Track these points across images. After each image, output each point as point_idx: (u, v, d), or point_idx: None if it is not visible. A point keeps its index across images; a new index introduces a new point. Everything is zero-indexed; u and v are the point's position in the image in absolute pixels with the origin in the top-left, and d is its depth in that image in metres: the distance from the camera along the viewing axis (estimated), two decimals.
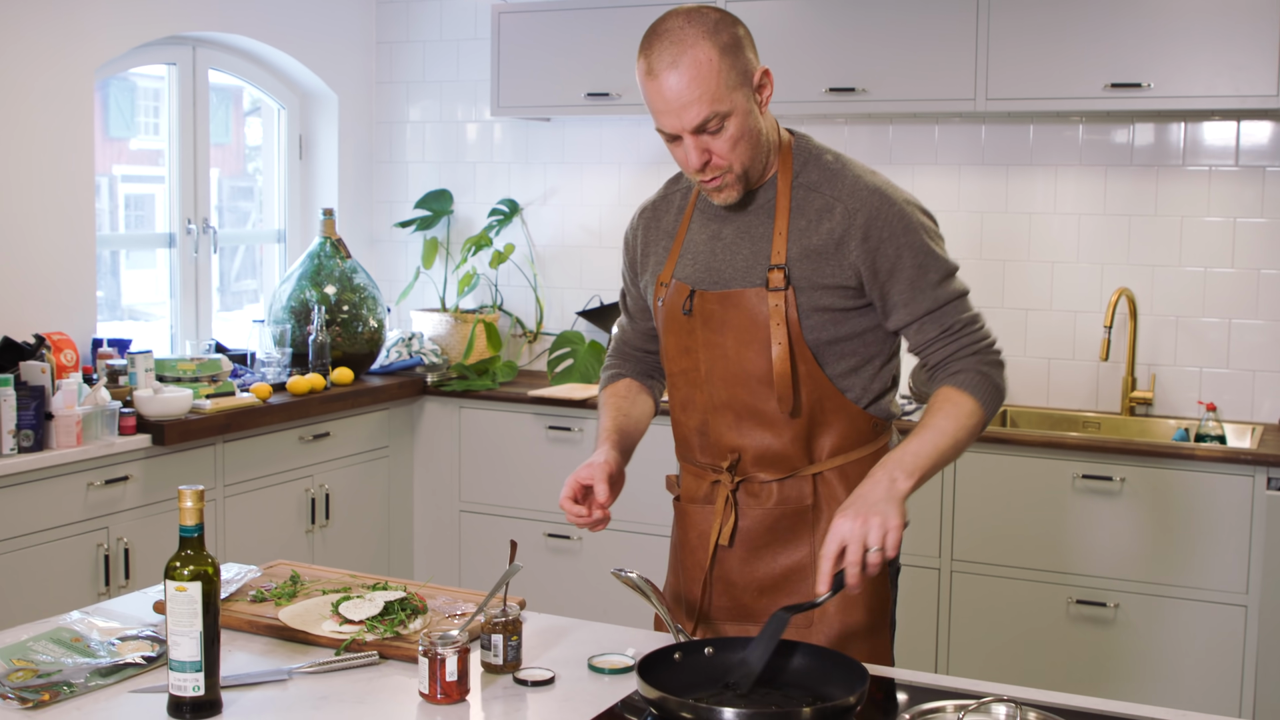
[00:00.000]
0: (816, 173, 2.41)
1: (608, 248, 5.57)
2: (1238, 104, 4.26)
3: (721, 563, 2.47)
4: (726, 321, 2.39)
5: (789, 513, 2.41)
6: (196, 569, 1.96)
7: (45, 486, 3.92)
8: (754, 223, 2.42)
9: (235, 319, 5.63)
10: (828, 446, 2.41)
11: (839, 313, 2.37)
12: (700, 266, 2.45)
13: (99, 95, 4.88)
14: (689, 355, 2.45)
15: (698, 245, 2.47)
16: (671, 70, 2.25)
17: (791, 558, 2.42)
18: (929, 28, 4.56)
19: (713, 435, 2.45)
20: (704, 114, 2.26)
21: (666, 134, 2.32)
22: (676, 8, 2.32)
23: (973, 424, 2.32)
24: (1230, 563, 4.13)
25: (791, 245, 2.36)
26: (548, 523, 5.08)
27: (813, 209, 2.38)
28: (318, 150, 5.83)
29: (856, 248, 2.34)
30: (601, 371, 2.79)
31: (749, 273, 2.39)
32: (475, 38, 5.72)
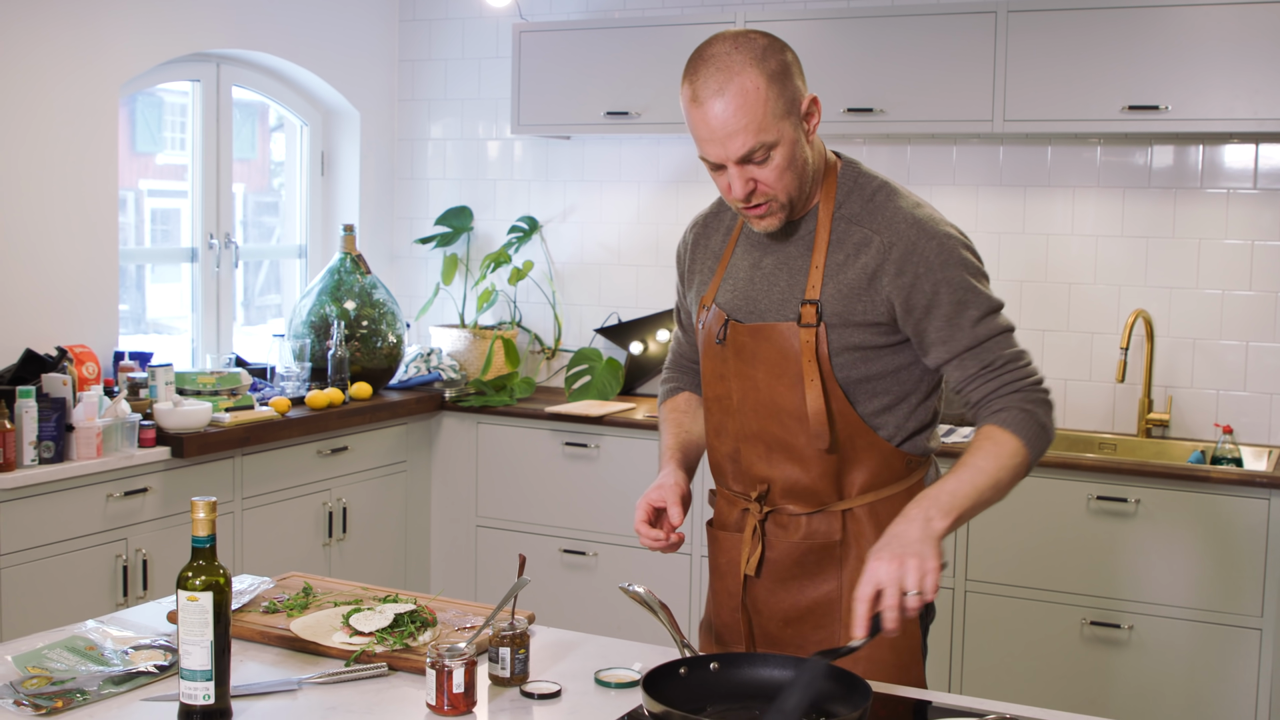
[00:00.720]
0: (859, 204, 2.36)
1: (626, 265, 5.59)
2: (1256, 127, 4.26)
3: (749, 591, 2.46)
4: (758, 354, 2.36)
5: (816, 547, 2.39)
6: (208, 579, 1.98)
7: (65, 497, 3.96)
8: (793, 254, 2.37)
9: (257, 333, 5.67)
10: (858, 483, 2.37)
11: (870, 350, 2.32)
12: (739, 295, 2.42)
13: (127, 110, 4.93)
14: (723, 382, 2.43)
15: (739, 272, 2.44)
16: (717, 98, 2.19)
17: (818, 591, 2.40)
18: (947, 49, 4.57)
19: (744, 464, 2.43)
20: (750, 144, 2.20)
21: (710, 162, 2.27)
22: (724, 32, 2.27)
23: (1015, 464, 2.23)
24: (1245, 585, 4.12)
25: (827, 280, 2.32)
26: (563, 538, 5.10)
27: (851, 242, 2.33)
28: (339, 166, 5.87)
29: (890, 282, 2.28)
30: (660, 384, 2.79)
31: (784, 306, 2.35)
32: (496, 56, 5.76)
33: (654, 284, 5.54)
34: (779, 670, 2.12)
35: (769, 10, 5.02)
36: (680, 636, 2.22)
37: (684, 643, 2.22)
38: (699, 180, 5.42)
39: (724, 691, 2.10)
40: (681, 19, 5.02)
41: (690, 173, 5.44)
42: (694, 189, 5.43)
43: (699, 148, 2.26)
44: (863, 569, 2.10)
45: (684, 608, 4.85)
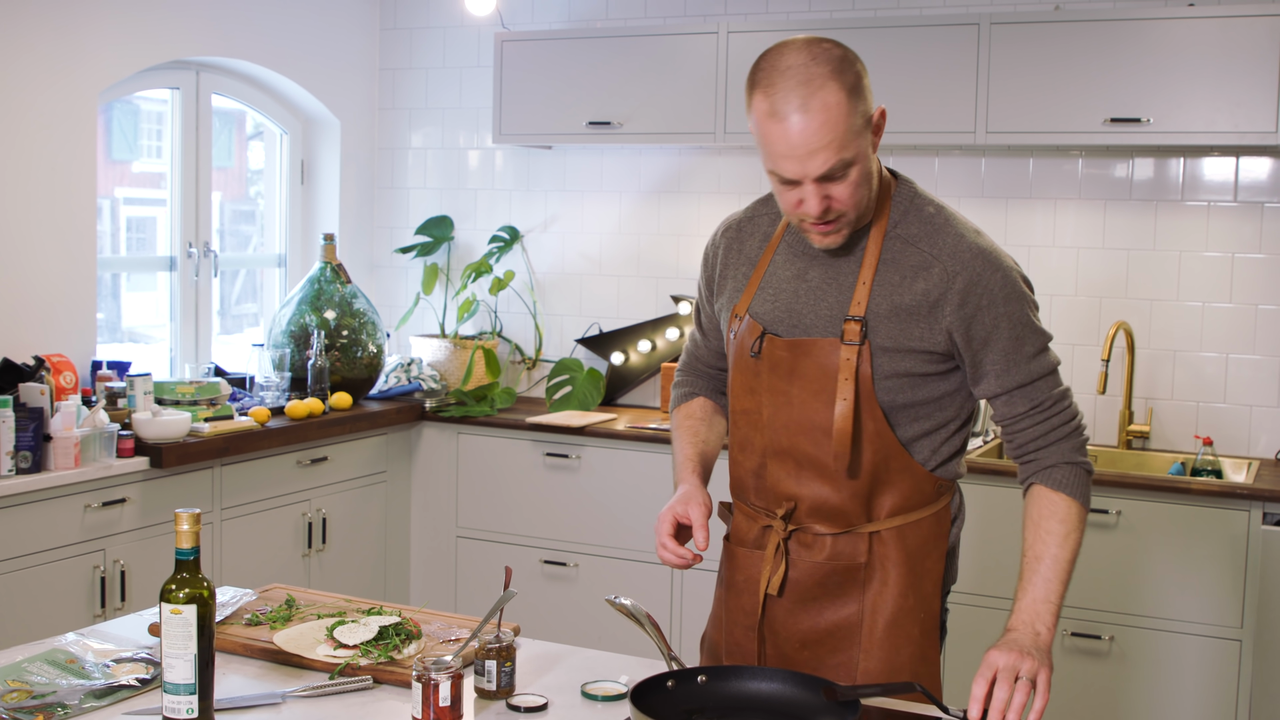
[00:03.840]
0: (916, 225, 2.30)
1: (608, 275, 5.58)
2: (1237, 140, 4.28)
3: (767, 610, 2.40)
4: (795, 369, 2.30)
5: (840, 569, 2.34)
6: (192, 592, 1.97)
7: (43, 508, 3.92)
8: (842, 269, 2.31)
9: (235, 343, 5.64)
10: (887, 506, 2.33)
11: (919, 377, 2.29)
12: (780, 306, 2.35)
13: (103, 118, 4.90)
14: (752, 396, 2.37)
15: (780, 282, 2.37)
16: (801, 114, 2.10)
17: (839, 614, 2.36)
18: (930, 61, 4.58)
19: (769, 480, 2.38)
20: (831, 162, 2.13)
21: (779, 176, 2.18)
22: (794, 40, 2.19)
23: (1080, 530, 2.27)
24: (1225, 597, 4.12)
25: (877, 299, 2.26)
26: (544, 549, 5.08)
27: (907, 264, 2.27)
28: (319, 175, 5.85)
29: (952, 312, 2.24)
30: (673, 387, 2.69)
31: (830, 321, 2.29)
32: (478, 65, 5.75)
33: (635, 294, 5.53)
34: (767, 683, 2.11)
35: (752, 21, 5.02)
36: (667, 649, 2.21)
37: (671, 655, 2.21)
38: (680, 191, 5.42)
39: (712, 704, 2.09)
40: (664, 29, 5.02)
41: (671, 183, 5.44)
42: (675, 199, 5.43)
43: (770, 162, 2.17)
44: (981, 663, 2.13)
45: (667, 620, 4.84)
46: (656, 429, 4.88)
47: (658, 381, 5.43)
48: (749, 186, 5.29)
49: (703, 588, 4.81)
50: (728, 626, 2.48)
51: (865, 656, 2.34)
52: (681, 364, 2.70)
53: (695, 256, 5.41)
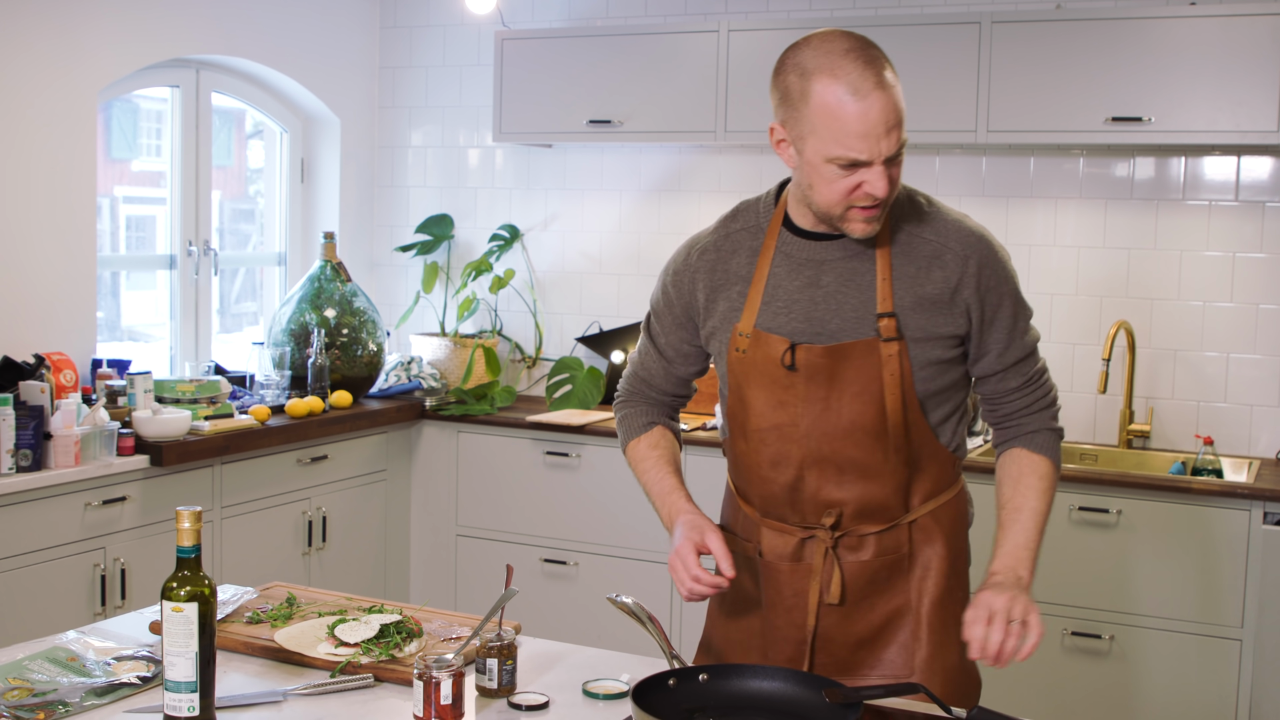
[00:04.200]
0: (914, 216, 2.32)
1: (608, 274, 5.58)
2: (1238, 139, 4.27)
3: (819, 620, 2.38)
4: (835, 375, 2.29)
5: (888, 563, 2.37)
6: (193, 590, 1.96)
7: (43, 506, 3.92)
8: (857, 269, 2.30)
9: (235, 341, 5.64)
10: (921, 493, 2.38)
11: (946, 363, 2.32)
12: (797, 317, 2.31)
13: (102, 117, 4.89)
14: (785, 409, 2.33)
15: (790, 293, 2.33)
16: (879, 91, 2.12)
17: (890, 605, 2.38)
18: (931, 59, 4.58)
19: (808, 491, 2.35)
20: (900, 140, 2.15)
21: (846, 160, 2.15)
22: (821, 32, 2.19)
23: (1054, 488, 2.39)
24: (1226, 596, 4.12)
25: (901, 293, 2.27)
26: (544, 547, 5.08)
27: (920, 255, 2.29)
28: (319, 174, 5.85)
29: (970, 295, 2.29)
30: (619, 412, 2.64)
31: (859, 323, 2.28)
32: (478, 64, 5.74)
33: (635, 293, 5.52)
34: (769, 682, 2.11)
35: (753, 19, 5.01)
36: (669, 647, 2.21)
37: (672, 654, 2.20)
38: (681, 189, 5.42)
39: (713, 703, 2.08)
40: (664, 28, 5.02)
41: (672, 182, 5.43)
42: (676, 198, 5.43)
43: (839, 146, 2.14)
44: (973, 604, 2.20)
45: (668, 618, 4.84)
46: None
47: None
48: (749, 185, 5.29)
49: None
50: (769, 645, 2.44)
51: (919, 644, 2.37)
52: (626, 390, 2.64)
53: None
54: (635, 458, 2.57)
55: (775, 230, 2.37)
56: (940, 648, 2.37)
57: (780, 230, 2.36)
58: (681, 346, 2.53)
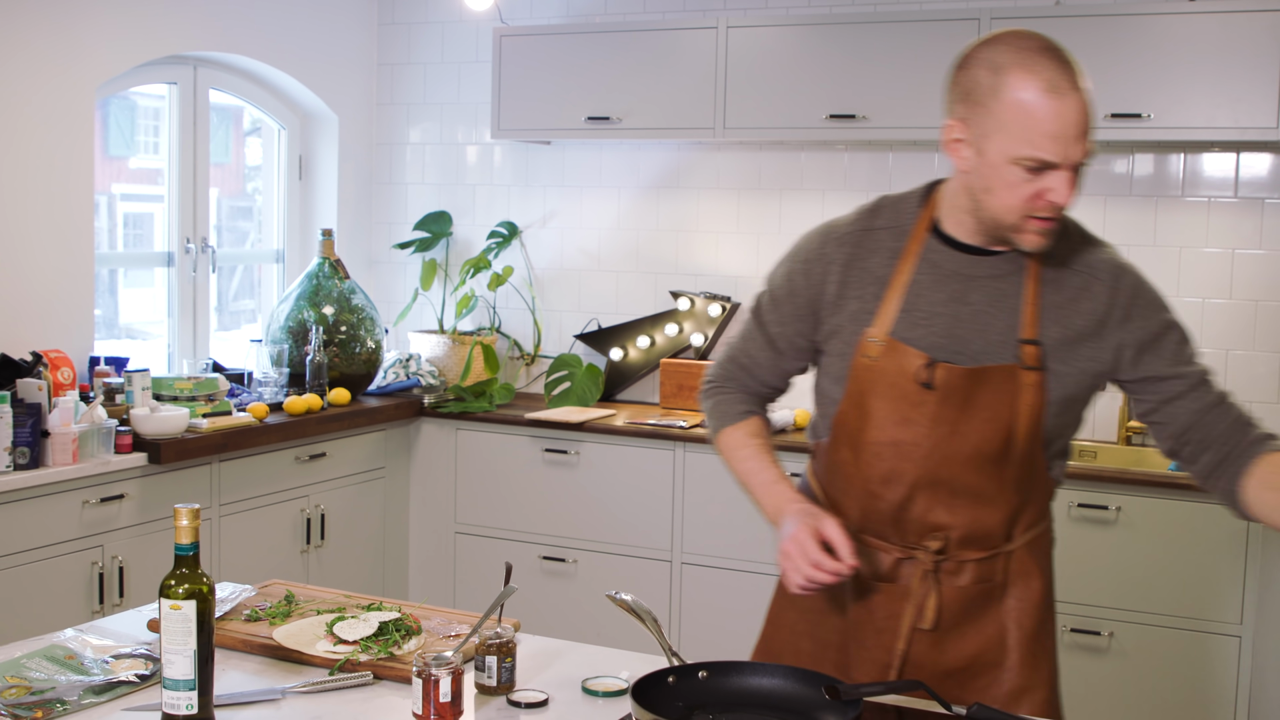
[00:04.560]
0: (1064, 242, 2.22)
1: (606, 271, 5.57)
2: (1237, 136, 4.27)
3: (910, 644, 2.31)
4: (972, 399, 2.19)
5: (983, 591, 2.29)
6: (191, 587, 1.96)
7: (41, 504, 3.92)
8: (1005, 290, 2.20)
9: (233, 338, 5.63)
10: (1024, 523, 2.30)
11: (1076, 400, 2.24)
12: (937, 331, 2.21)
13: (99, 114, 4.89)
14: (909, 427, 2.23)
15: (933, 305, 2.22)
16: (1077, 93, 2.03)
17: (981, 636, 2.31)
18: (929, 55, 4.57)
19: (916, 512, 2.26)
20: (1089, 147, 2.05)
21: (1034, 162, 2.06)
22: (1016, 29, 2.11)
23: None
24: (1225, 593, 4.12)
25: (1046, 322, 2.19)
26: (543, 545, 5.08)
27: (1069, 285, 2.20)
28: (317, 171, 5.84)
29: (1118, 328, 2.21)
30: (713, 397, 2.49)
31: (1001, 347, 2.19)
32: (476, 60, 5.73)
33: (634, 290, 5.52)
34: (768, 679, 2.10)
35: (751, 16, 5.01)
36: (668, 644, 2.20)
37: (671, 651, 2.20)
38: (679, 186, 5.41)
39: (713, 700, 2.08)
40: (663, 24, 5.01)
41: (671, 178, 5.43)
42: (674, 195, 5.42)
43: (1029, 145, 2.05)
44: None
45: (667, 615, 4.83)
46: (655, 425, 4.87)
47: (657, 377, 5.42)
48: (748, 181, 5.29)
49: (704, 582, 4.81)
50: (852, 664, 2.36)
51: (1008, 675, 2.31)
52: (722, 373, 2.51)
53: (694, 252, 5.40)
54: (730, 445, 2.44)
55: (920, 235, 2.26)
56: (1031, 681, 2.30)
57: (927, 236, 2.25)
58: (796, 340, 2.39)
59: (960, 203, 2.20)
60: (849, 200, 5.12)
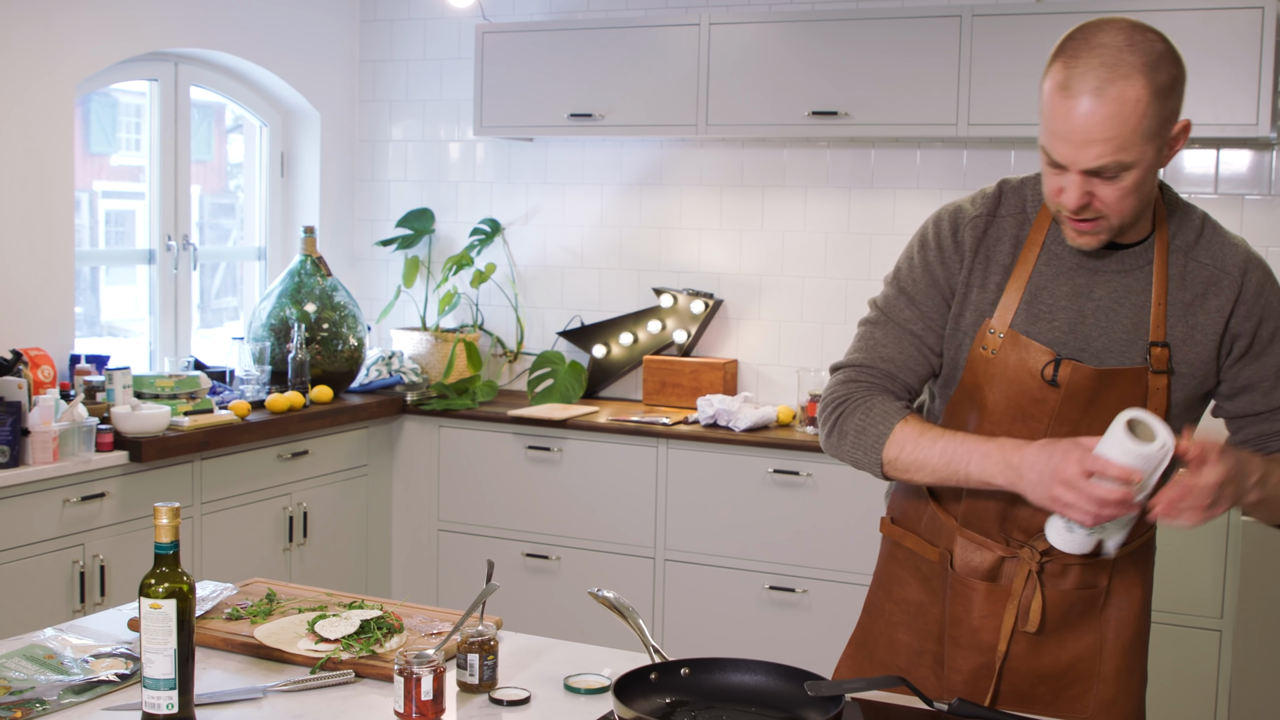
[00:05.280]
0: (1191, 236, 2.14)
1: (589, 268, 5.57)
2: (1217, 132, 4.28)
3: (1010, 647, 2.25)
4: (1095, 399, 2.11)
5: (1085, 597, 2.23)
6: (171, 586, 1.95)
7: (21, 503, 3.90)
8: (1131, 286, 2.12)
9: (215, 336, 5.62)
10: (1134, 532, 2.20)
11: (1198, 401, 2.17)
12: (1062, 327, 2.13)
13: (80, 111, 4.87)
14: (1028, 423, 2.14)
15: (1056, 298, 2.14)
16: (1092, 97, 1.93)
17: (1080, 643, 2.25)
18: (912, 52, 4.58)
19: (1026, 511, 2.17)
20: (1105, 159, 1.95)
21: (1050, 158, 2.02)
22: (1117, 19, 1.99)
23: None
24: (1205, 588, 4.13)
25: (1174, 322, 2.11)
26: (526, 542, 5.07)
27: (1198, 281, 2.12)
28: (299, 168, 5.82)
29: (1237, 325, 2.12)
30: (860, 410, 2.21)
31: (1129, 347, 2.11)
32: (459, 57, 5.73)
33: (617, 287, 5.52)
34: (750, 675, 2.10)
35: (734, 12, 5.01)
36: (650, 641, 2.20)
37: (654, 648, 2.20)
38: (662, 183, 5.41)
39: (695, 697, 2.08)
40: (645, 20, 5.01)
41: (653, 175, 5.43)
42: (657, 191, 5.42)
43: (1045, 139, 2.01)
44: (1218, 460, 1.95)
45: (650, 612, 4.84)
46: (638, 422, 4.87)
47: (639, 374, 5.42)
48: (731, 178, 5.29)
49: (686, 579, 4.81)
50: (949, 665, 2.29)
51: (1104, 685, 2.26)
52: (856, 376, 2.26)
53: (677, 248, 5.40)
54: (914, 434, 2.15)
55: (1044, 224, 2.17)
56: (1124, 692, 2.27)
57: (1050, 225, 2.17)
58: (941, 332, 2.23)
59: None
60: (831, 197, 5.13)
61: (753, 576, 4.72)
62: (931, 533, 2.32)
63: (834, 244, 5.15)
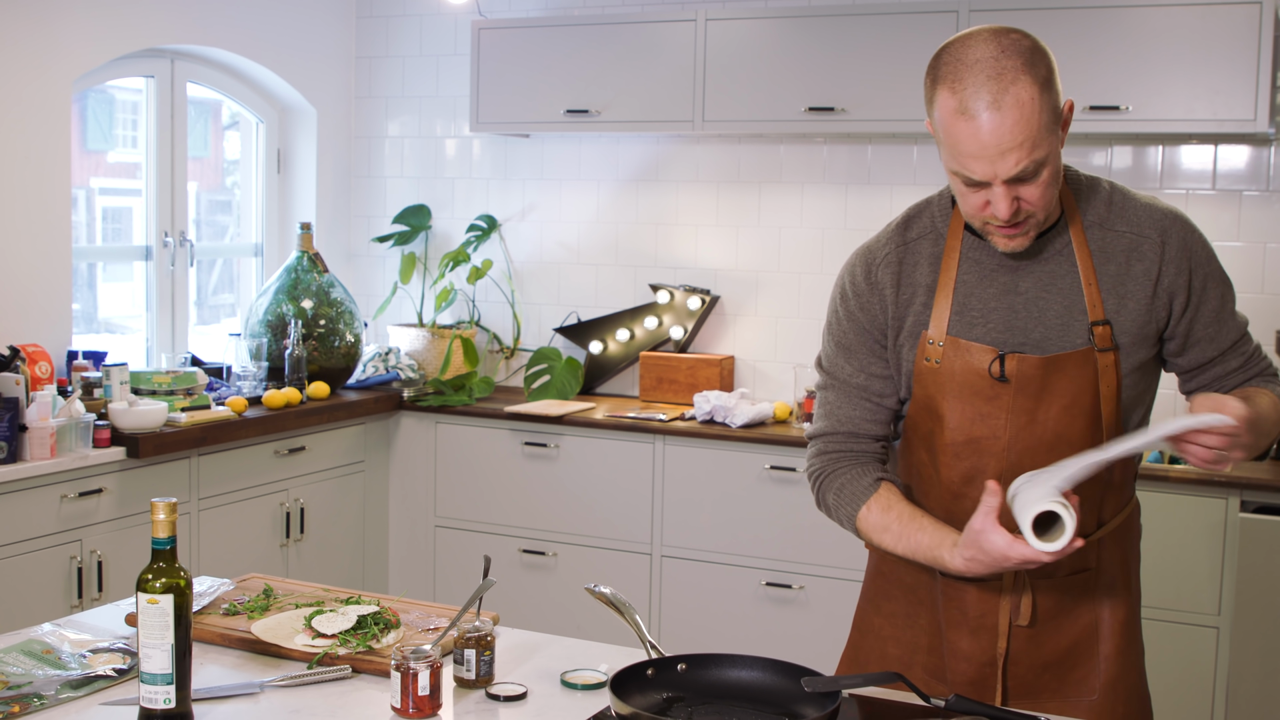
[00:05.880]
0: (1103, 207, 2.19)
1: (585, 264, 5.57)
2: (1215, 128, 4.28)
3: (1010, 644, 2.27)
4: (1047, 386, 2.15)
5: (1077, 583, 2.25)
6: (169, 581, 1.95)
7: (18, 499, 3.90)
8: (1057, 272, 2.17)
9: (212, 332, 5.61)
10: (1111, 507, 2.26)
11: (1147, 366, 2.21)
12: (998, 326, 2.17)
13: (77, 108, 4.87)
14: (985, 422, 2.18)
15: (984, 300, 2.19)
16: (992, 111, 1.98)
17: (1076, 627, 2.27)
18: (909, 48, 4.58)
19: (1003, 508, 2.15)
20: (1024, 162, 1.99)
21: (966, 179, 2.05)
22: (980, 30, 2.06)
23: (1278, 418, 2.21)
24: (1203, 585, 4.14)
25: (1107, 296, 2.16)
26: (522, 538, 5.07)
27: (1119, 251, 2.17)
28: (296, 164, 5.82)
29: (1169, 284, 2.17)
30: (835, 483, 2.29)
31: (1066, 331, 2.16)
32: (455, 53, 5.72)
33: (613, 283, 5.52)
34: (747, 671, 2.11)
35: (730, 8, 5.01)
36: (647, 637, 2.20)
37: (650, 644, 2.20)
38: (659, 179, 5.41)
39: (691, 692, 2.08)
40: (642, 16, 5.01)
41: (650, 171, 5.43)
42: (654, 188, 5.42)
43: (956, 163, 2.04)
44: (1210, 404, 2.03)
45: (646, 608, 4.84)
46: (635, 418, 4.87)
47: (636, 370, 5.42)
48: (728, 174, 5.29)
49: (683, 576, 4.81)
50: (949, 666, 2.31)
51: (1106, 664, 2.28)
52: (829, 454, 2.32)
53: (673, 245, 5.40)
54: (876, 527, 2.24)
55: (957, 234, 2.22)
56: (1125, 669, 2.29)
57: (964, 234, 2.22)
58: (885, 376, 2.29)
59: None
60: (828, 193, 5.13)
61: (749, 573, 4.73)
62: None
63: (831, 240, 5.15)
